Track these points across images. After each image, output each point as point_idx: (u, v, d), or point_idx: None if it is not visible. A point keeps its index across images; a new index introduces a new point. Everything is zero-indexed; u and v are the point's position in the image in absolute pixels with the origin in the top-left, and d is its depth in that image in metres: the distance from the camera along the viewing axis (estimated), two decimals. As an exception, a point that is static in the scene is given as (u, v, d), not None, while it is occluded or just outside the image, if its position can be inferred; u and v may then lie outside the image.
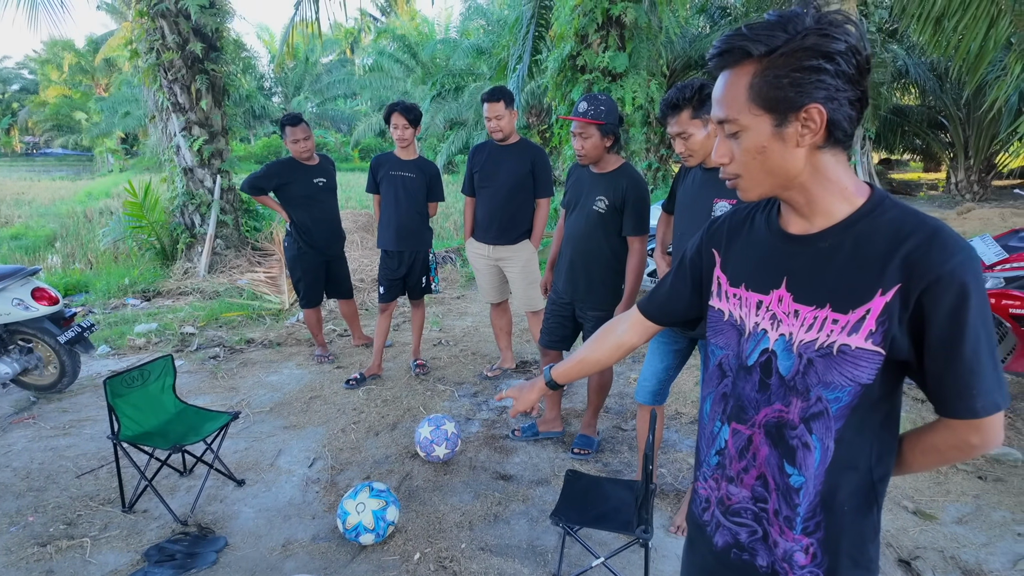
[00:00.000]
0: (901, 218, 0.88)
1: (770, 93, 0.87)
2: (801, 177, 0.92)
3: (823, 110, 0.86)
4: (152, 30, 6.77)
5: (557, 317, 3.07)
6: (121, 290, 6.34)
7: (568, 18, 7.41)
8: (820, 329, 0.92)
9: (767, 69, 0.87)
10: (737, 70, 0.90)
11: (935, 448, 0.97)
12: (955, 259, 0.83)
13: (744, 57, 0.88)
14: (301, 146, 3.97)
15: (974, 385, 0.85)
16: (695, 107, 2.14)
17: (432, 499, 2.72)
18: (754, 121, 0.89)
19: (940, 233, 0.85)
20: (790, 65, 0.85)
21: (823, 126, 0.87)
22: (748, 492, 1.04)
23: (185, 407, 2.85)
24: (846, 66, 0.85)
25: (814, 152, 0.91)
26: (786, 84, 0.86)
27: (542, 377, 1.39)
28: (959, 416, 0.89)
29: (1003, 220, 9.03)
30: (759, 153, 0.91)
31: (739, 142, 0.92)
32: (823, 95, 0.85)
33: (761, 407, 1.01)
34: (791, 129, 0.88)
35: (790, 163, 0.91)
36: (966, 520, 2.55)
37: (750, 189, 0.96)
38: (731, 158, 0.95)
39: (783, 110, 0.87)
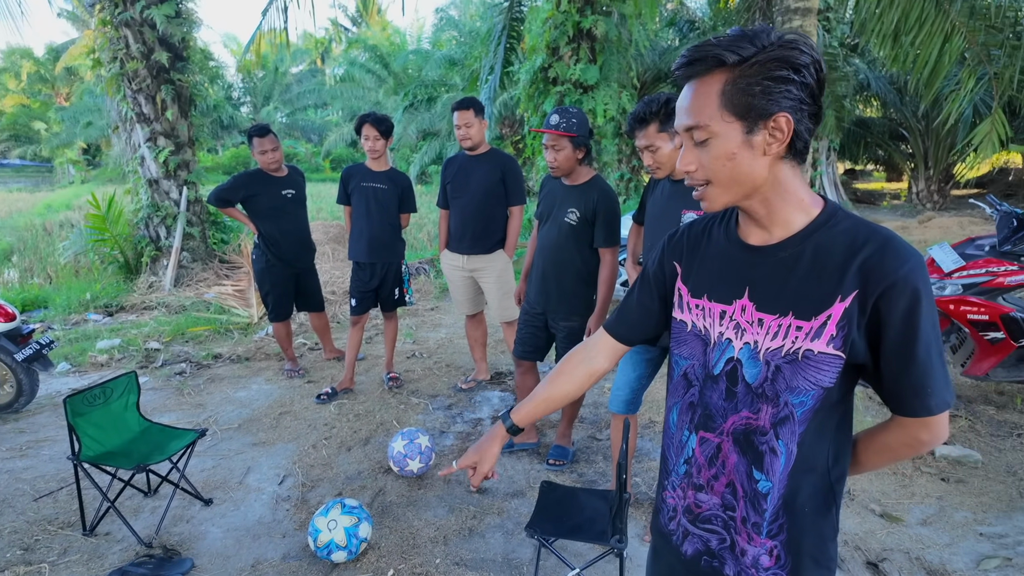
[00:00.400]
0: (855, 228, 0.93)
1: (742, 100, 0.89)
2: (764, 187, 0.95)
3: (791, 119, 0.89)
4: (116, 39, 6.64)
5: (530, 328, 3.07)
6: (82, 305, 6.15)
7: (540, 30, 7.49)
8: (785, 336, 0.95)
9: (739, 78, 0.89)
10: (707, 79, 0.92)
11: (888, 447, 1.02)
12: (907, 266, 0.88)
13: (716, 66, 0.90)
14: (269, 157, 3.92)
15: (928, 384, 0.90)
16: (662, 121, 2.17)
17: (406, 514, 2.68)
18: (725, 128, 0.91)
19: (892, 241, 0.90)
20: (761, 74, 0.88)
21: (789, 136, 0.91)
22: (718, 499, 1.06)
23: (150, 425, 2.77)
24: (810, 79, 0.89)
25: (776, 162, 0.94)
26: (758, 92, 0.88)
27: (500, 425, 1.26)
28: (916, 414, 0.94)
29: (961, 228, 9.35)
30: (729, 160, 0.92)
31: (708, 149, 0.93)
32: (790, 105, 0.89)
33: (729, 415, 1.03)
34: (759, 137, 0.91)
35: (756, 171, 0.93)
36: (930, 521, 2.61)
37: (717, 197, 0.97)
38: (698, 166, 0.95)
39: (754, 117, 0.89)
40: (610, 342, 1.22)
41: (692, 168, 0.96)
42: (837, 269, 0.91)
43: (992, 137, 7.62)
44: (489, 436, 1.26)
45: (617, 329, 1.22)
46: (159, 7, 6.47)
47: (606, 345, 1.23)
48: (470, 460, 1.26)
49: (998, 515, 2.65)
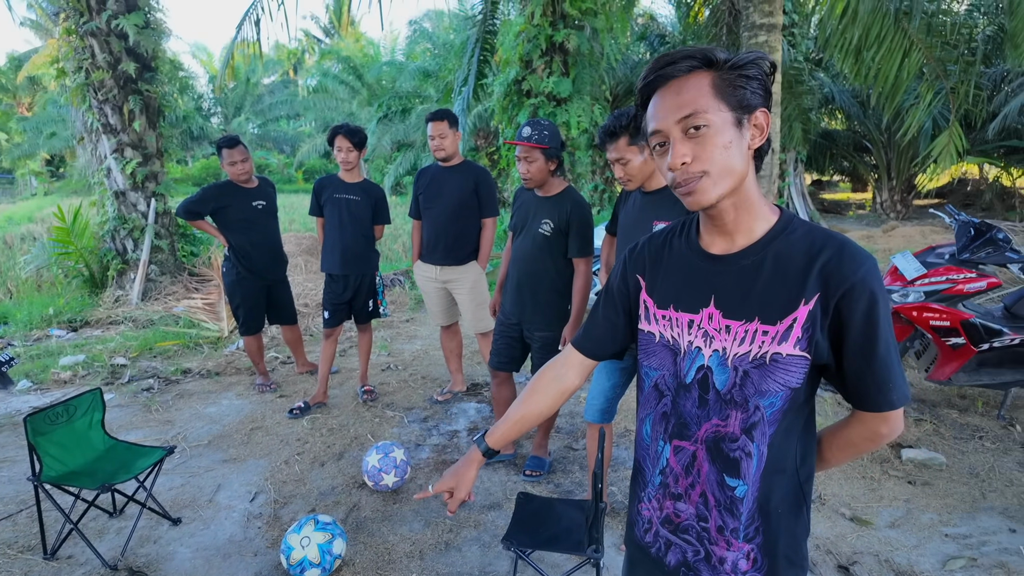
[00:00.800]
0: (811, 234, 0.98)
1: (734, 92, 0.94)
2: (742, 188, 0.98)
3: (768, 115, 0.96)
4: (81, 49, 6.51)
5: (506, 338, 3.07)
6: (45, 320, 5.97)
7: (513, 44, 7.55)
8: (752, 341, 0.98)
9: (725, 74, 0.94)
10: (694, 75, 0.94)
11: (850, 442, 1.06)
12: (863, 268, 0.92)
13: (704, 64, 0.94)
14: (239, 168, 3.87)
15: (890, 380, 0.95)
16: (631, 134, 2.21)
17: (381, 530, 2.65)
18: (721, 117, 0.94)
19: (847, 246, 0.95)
20: (741, 74, 0.94)
21: (767, 131, 0.96)
22: (694, 509, 1.07)
23: (115, 443, 2.69)
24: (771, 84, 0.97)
25: (751, 164, 0.99)
26: (743, 85, 0.94)
27: (475, 449, 1.24)
28: (880, 409, 0.98)
29: (923, 237, 9.63)
30: (726, 148, 0.94)
31: (705, 138, 0.93)
32: (765, 103, 0.96)
33: (702, 422, 1.04)
34: (745, 131, 0.96)
35: (743, 166, 0.97)
36: (898, 524, 2.67)
37: (709, 189, 0.95)
38: (693, 156, 0.94)
39: (743, 109, 0.94)
40: (579, 358, 1.23)
41: (688, 159, 0.94)
42: (799, 274, 0.95)
43: (950, 149, 7.90)
44: (465, 461, 1.25)
45: (585, 344, 1.23)
46: (128, 17, 6.37)
47: (576, 361, 1.23)
48: (447, 485, 1.23)
49: (962, 516, 2.72)
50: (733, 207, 0.99)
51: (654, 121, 0.98)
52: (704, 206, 0.97)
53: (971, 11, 10.94)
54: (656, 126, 0.97)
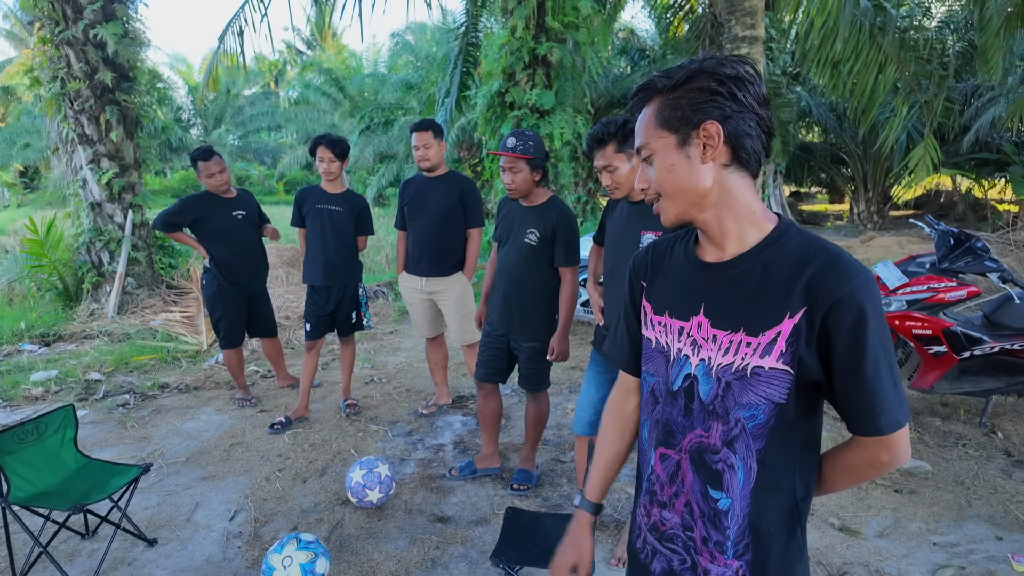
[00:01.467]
0: (804, 245, 0.95)
1: (671, 115, 0.97)
2: (711, 196, 0.98)
3: (719, 126, 0.94)
4: (56, 58, 6.39)
5: (492, 350, 3.03)
6: (16, 335, 5.80)
7: (496, 56, 7.57)
8: (736, 353, 0.96)
9: (668, 98, 0.97)
10: (648, 106, 1.01)
11: (851, 466, 1.02)
12: (852, 283, 0.88)
13: (653, 93, 1.00)
14: (217, 180, 3.80)
15: (876, 403, 0.90)
16: (619, 141, 2.20)
17: (365, 547, 2.58)
18: (661, 143, 0.98)
19: (839, 259, 0.91)
20: (687, 89, 0.95)
21: (721, 141, 0.95)
22: (678, 518, 1.06)
23: (88, 462, 2.60)
24: (736, 90, 0.93)
25: (721, 171, 0.97)
26: (684, 105, 0.95)
27: (581, 512, 1.22)
28: (866, 433, 0.94)
29: (901, 247, 9.79)
30: (669, 171, 0.98)
31: (652, 167, 1.00)
32: (718, 113, 0.94)
33: (687, 432, 1.03)
34: (693, 146, 0.96)
35: (697, 179, 0.97)
36: (887, 533, 2.67)
37: (667, 209, 1.01)
38: (647, 182, 1.02)
39: (682, 128, 0.95)
40: (631, 380, 1.22)
41: (644, 185, 1.03)
42: (785, 285, 0.92)
43: (926, 160, 8.06)
44: (576, 529, 1.22)
45: (632, 365, 1.21)
46: (106, 26, 6.28)
47: (632, 384, 1.22)
48: (567, 562, 1.19)
49: (949, 524, 2.72)
50: (716, 219, 0.99)
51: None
52: (670, 224, 1.03)
53: (941, 28, 11.23)
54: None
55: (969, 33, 11.11)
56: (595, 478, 1.24)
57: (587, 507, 1.23)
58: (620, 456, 1.24)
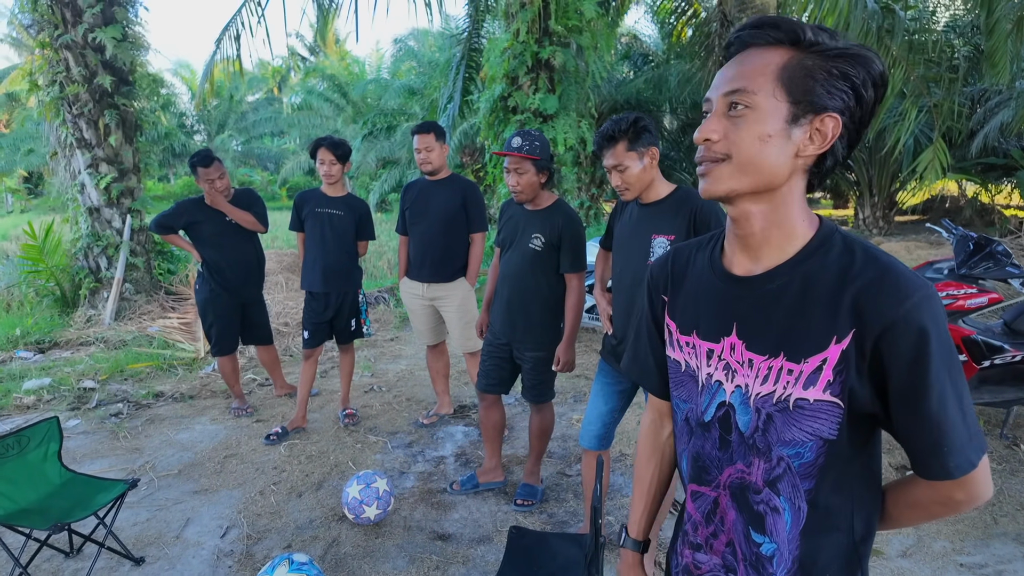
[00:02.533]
0: (850, 254, 0.80)
1: (801, 82, 0.78)
2: (779, 191, 0.83)
3: (839, 122, 0.79)
4: (55, 62, 6.32)
5: (495, 359, 2.92)
6: (11, 342, 5.70)
7: (498, 60, 7.49)
8: (776, 381, 0.82)
9: (805, 58, 0.79)
10: (771, 49, 0.81)
11: (919, 503, 0.87)
12: (910, 301, 0.74)
13: (787, 40, 0.80)
14: (217, 186, 3.70)
15: (944, 443, 0.76)
16: (630, 139, 2.09)
17: (362, 567, 2.46)
18: (771, 104, 0.79)
19: (891, 272, 0.77)
20: (829, 63, 0.78)
21: (831, 142, 0.80)
22: (719, 559, 0.93)
23: (73, 476, 2.49)
24: (872, 98, 0.79)
25: (798, 175, 0.83)
26: (821, 80, 0.78)
27: (627, 552, 1.14)
28: (933, 477, 0.80)
29: (908, 253, 9.66)
30: (760, 140, 0.79)
31: (742, 122, 0.80)
32: (841, 107, 0.79)
33: (724, 466, 0.90)
34: (801, 128, 0.79)
35: (779, 167, 0.81)
36: (910, 553, 2.54)
37: (724, 179, 0.82)
38: (722, 136, 0.82)
39: (805, 106, 0.78)
40: (663, 404, 1.10)
41: (715, 137, 0.82)
42: (829, 303, 0.79)
43: (935, 165, 7.94)
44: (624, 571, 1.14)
45: (663, 389, 1.07)
46: (105, 30, 6.21)
47: (664, 408, 1.10)
48: None
49: (975, 543, 2.59)
50: (762, 215, 0.84)
51: (711, 88, 0.85)
52: (714, 196, 0.84)
53: (947, 31, 11.13)
54: (708, 94, 0.85)
55: (975, 37, 11.01)
56: (636, 514, 1.13)
57: (631, 546, 1.13)
58: (660, 487, 1.13)
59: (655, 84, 12.81)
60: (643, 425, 1.15)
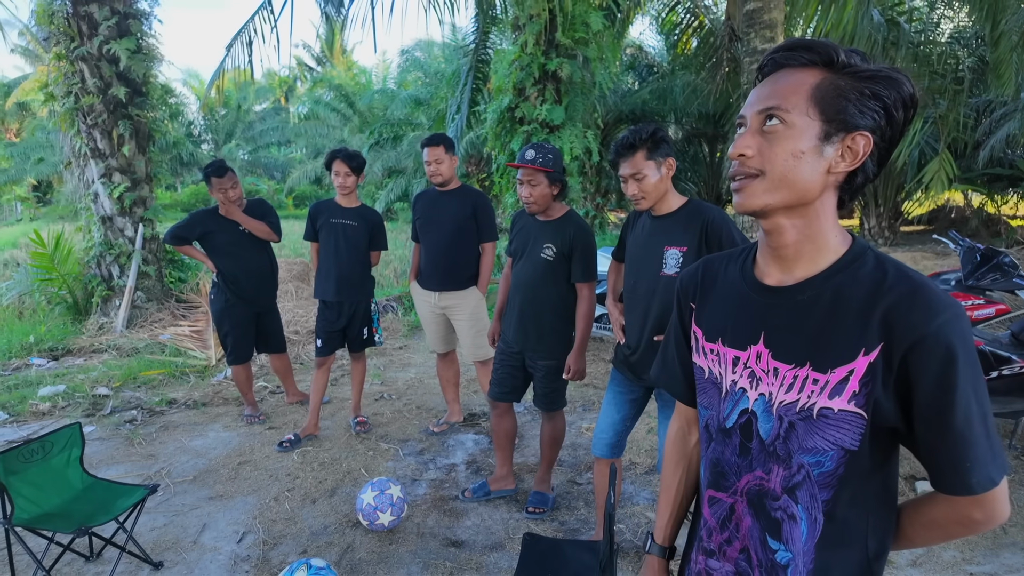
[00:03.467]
0: (882, 271, 0.83)
1: (834, 102, 0.82)
2: (812, 206, 0.86)
3: (870, 141, 0.82)
4: (71, 73, 6.44)
5: (507, 367, 2.96)
6: (24, 349, 5.77)
7: (506, 72, 7.58)
8: (801, 390, 0.85)
9: (838, 79, 0.83)
10: (804, 70, 0.84)
11: (936, 522, 0.89)
12: (940, 318, 0.77)
13: (820, 61, 0.84)
14: (230, 196, 3.75)
15: (967, 459, 0.79)
16: (649, 149, 2.13)
17: (377, 573, 2.49)
18: (804, 122, 0.82)
19: (923, 289, 0.79)
20: (860, 84, 0.82)
21: (861, 160, 0.83)
22: (732, 567, 0.96)
23: (94, 481, 2.54)
24: (903, 119, 0.82)
25: (830, 191, 0.86)
26: (853, 100, 0.82)
27: (652, 559, 1.15)
28: (954, 492, 0.82)
29: (915, 263, 9.67)
30: (794, 157, 0.83)
31: (775, 138, 0.83)
32: (873, 126, 0.82)
33: (743, 473, 0.93)
34: (833, 146, 0.83)
35: (812, 183, 0.84)
36: (920, 563, 2.56)
37: (759, 194, 0.85)
38: (756, 152, 0.85)
39: (837, 125, 0.82)
40: (690, 412, 1.13)
41: (749, 152, 0.85)
42: (859, 316, 0.82)
43: (941, 175, 7.98)
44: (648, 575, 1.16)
45: (690, 396, 1.10)
46: (119, 42, 6.32)
47: (691, 415, 1.13)
48: None
49: (985, 553, 2.61)
50: (795, 229, 0.87)
51: (745, 106, 0.88)
52: (748, 211, 0.87)
53: (951, 42, 11.18)
54: (742, 111, 0.88)
55: (980, 48, 11.06)
56: (662, 520, 1.15)
57: (656, 551, 1.15)
58: (687, 494, 1.15)
59: (660, 95, 12.89)
60: (669, 432, 1.18)
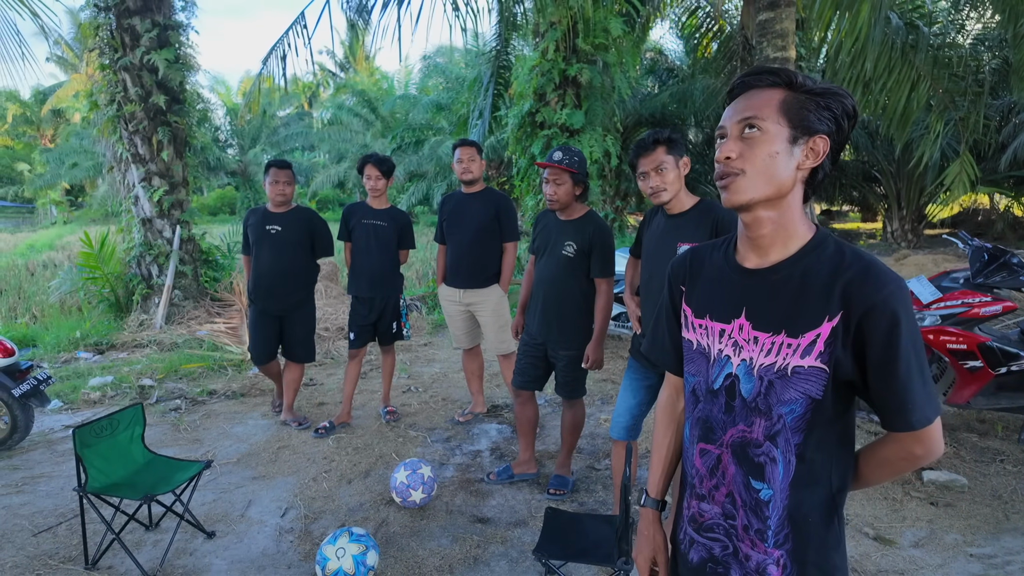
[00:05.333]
0: (840, 253, 1.03)
1: (798, 112, 1.02)
2: (786, 198, 1.05)
3: (828, 143, 1.02)
4: (115, 83, 6.79)
5: (530, 358, 3.15)
6: (72, 343, 6.11)
7: (527, 78, 7.77)
8: (777, 353, 1.04)
9: (797, 95, 1.03)
10: (769, 89, 1.04)
11: (886, 460, 1.08)
12: (886, 289, 0.96)
13: (781, 83, 1.03)
14: (277, 188, 3.81)
15: (908, 401, 0.98)
16: (669, 145, 2.31)
17: (410, 544, 2.70)
18: (776, 128, 1.01)
19: (873, 266, 0.99)
20: (818, 100, 1.02)
21: (822, 157, 1.03)
22: (719, 509, 1.13)
23: (154, 457, 2.78)
24: (848, 126, 1.03)
25: (798, 185, 1.05)
26: (812, 110, 1.02)
27: (645, 511, 1.29)
28: (899, 429, 1.01)
29: (936, 265, 9.66)
30: (770, 157, 1.02)
31: (754, 142, 1.02)
32: (829, 131, 1.02)
33: (728, 428, 1.10)
34: (800, 148, 1.03)
35: (786, 177, 1.03)
36: (922, 544, 2.69)
37: (745, 189, 1.03)
38: (738, 155, 1.03)
39: (801, 129, 1.02)
40: (678, 380, 1.31)
41: (733, 155, 1.03)
42: (823, 290, 1.00)
43: (963, 178, 7.98)
44: (645, 526, 1.29)
45: (675, 366, 1.28)
46: (159, 52, 6.65)
47: (677, 383, 1.31)
48: (647, 556, 1.26)
49: (986, 536, 2.73)
50: (771, 222, 1.05)
51: (723, 119, 1.08)
52: (736, 204, 1.04)
53: (976, 44, 11.12)
54: (722, 123, 1.07)
55: (1004, 50, 11.00)
56: (654, 476, 1.33)
57: (651, 504, 1.31)
58: (676, 453, 1.32)
59: (680, 98, 12.98)
60: (660, 399, 1.36)
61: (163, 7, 6.93)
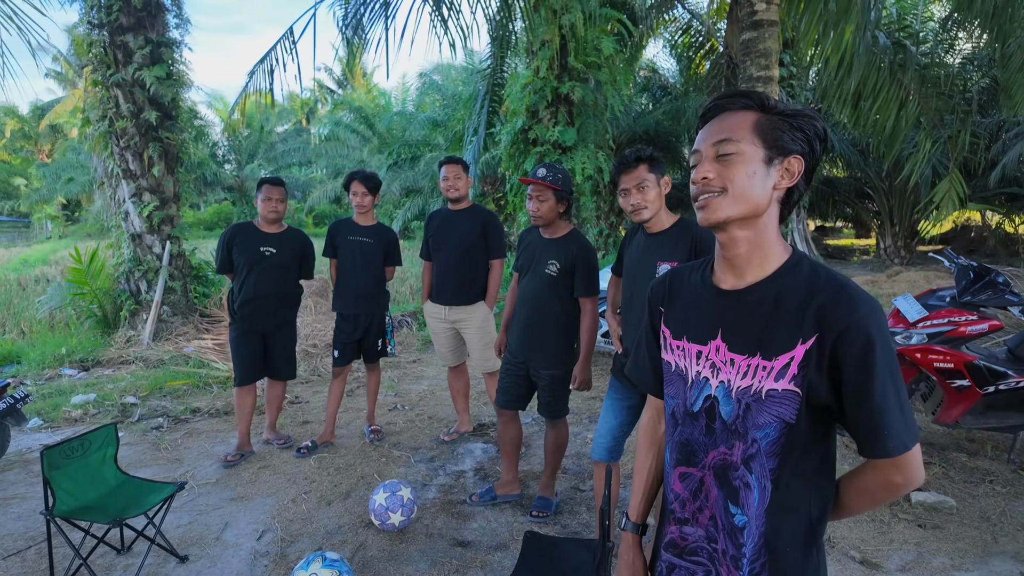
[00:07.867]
0: (815, 274, 1.01)
1: (771, 133, 1.02)
2: (762, 217, 1.03)
3: (802, 162, 1.02)
4: (106, 99, 6.80)
5: (512, 377, 3.11)
6: (57, 360, 6.04)
7: (520, 95, 7.81)
8: (753, 376, 1.01)
9: (770, 118, 1.02)
10: (743, 112, 1.04)
11: (866, 489, 1.04)
12: (860, 312, 0.94)
13: (754, 105, 1.03)
14: (270, 205, 3.72)
15: (884, 426, 0.95)
16: (650, 163, 2.30)
17: (387, 569, 2.64)
18: (752, 149, 1.01)
19: (847, 289, 0.97)
20: (789, 121, 1.02)
21: (797, 177, 1.02)
22: (703, 531, 1.10)
23: (127, 479, 2.72)
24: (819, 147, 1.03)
25: (774, 204, 1.04)
26: (785, 130, 1.02)
27: (626, 535, 1.28)
28: (876, 455, 0.98)
29: (928, 282, 9.66)
30: (748, 176, 1.01)
31: (731, 162, 1.01)
32: (802, 151, 1.02)
33: (709, 450, 1.08)
34: (775, 168, 1.02)
35: (763, 198, 1.02)
36: (909, 567, 2.64)
37: (723, 208, 1.02)
38: (716, 175, 1.03)
39: (776, 150, 1.01)
40: (659, 403, 1.28)
41: (711, 175, 1.03)
42: (797, 312, 0.98)
43: (951, 195, 8.02)
44: (626, 552, 1.27)
45: (656, 388, 1.26)
46: (151, 69, 6.67)
47: (659, 405, 1.29)
48: None
49: (975, 560, 2.68)
50: (746, 241, 1.04)
51: (698, 142, 1.07)
52: (712, 223, 1.03)
53: (965, 64, 11.25)
54: (696, 146, 1.07)
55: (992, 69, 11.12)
56: (635, 499, 1.30)
57: (631, 528, 1.29)
58: (657, 476, 1.29)
59: (674, 116, 13.06)
60: (642, 422, 1.34)
61: (157, 24, 6.97)
